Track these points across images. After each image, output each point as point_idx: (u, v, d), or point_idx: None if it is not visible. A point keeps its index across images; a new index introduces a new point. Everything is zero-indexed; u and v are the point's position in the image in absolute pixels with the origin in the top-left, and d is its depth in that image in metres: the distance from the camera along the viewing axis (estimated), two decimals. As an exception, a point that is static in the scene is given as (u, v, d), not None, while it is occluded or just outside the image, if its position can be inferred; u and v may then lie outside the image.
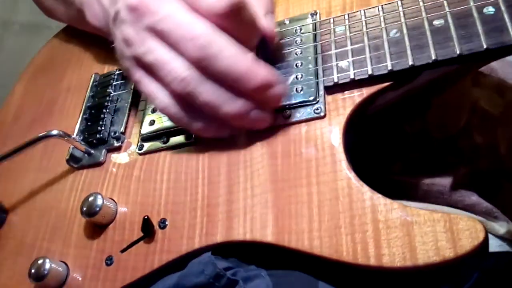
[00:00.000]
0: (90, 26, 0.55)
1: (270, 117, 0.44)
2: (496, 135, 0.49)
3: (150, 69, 0.43)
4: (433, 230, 0.36)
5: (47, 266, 0.46)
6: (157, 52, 0.42)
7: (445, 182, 0.48)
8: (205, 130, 0.45)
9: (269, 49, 0.46)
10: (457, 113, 0.49)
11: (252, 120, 0.43)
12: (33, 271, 0.46)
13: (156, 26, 0.41)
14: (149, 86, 0.44)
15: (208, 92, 0.41)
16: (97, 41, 0.60)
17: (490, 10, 0.41)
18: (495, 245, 0.47)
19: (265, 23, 0.44)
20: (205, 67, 0.40)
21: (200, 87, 0.41)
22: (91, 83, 0.60)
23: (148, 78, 0.43)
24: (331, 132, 0.43)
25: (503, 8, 0.40)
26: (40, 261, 0.47)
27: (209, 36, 0.40)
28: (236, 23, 0.41)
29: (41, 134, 0.51)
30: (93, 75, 0.61)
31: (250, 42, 0.43)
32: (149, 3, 0.41)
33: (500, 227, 0.47)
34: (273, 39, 0.46)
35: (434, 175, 0.49)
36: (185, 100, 0.42)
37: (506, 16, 0.40)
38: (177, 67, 0.41)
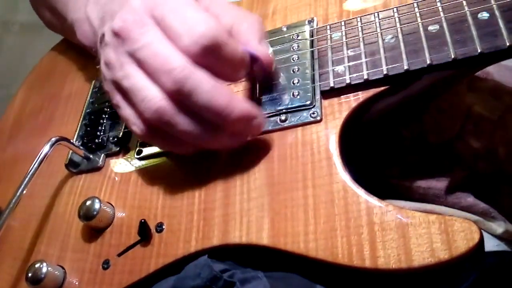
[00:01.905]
0: (80, 43, 0.56)
1: (243, 142, 0.45)
2: (494, 139, 0.49)
3: (127, 95, 0.43)
4: (428, 232, 0.36)
5: (44, 270, 0.46)
6: (134, 78, 0.42)
7: (441, 185, 0.48)
8: (182, 152, 0.45)
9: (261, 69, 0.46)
10: (451, 119, 0.49)
11: (231, 146, 0.44)
12: (30, 274, 0.46)
13: (135, 53, 0.41)
14: (126, 110, 0.44)
15: (184, 124, 0.41)
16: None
17: (484, 15, 0.41)
18: (492, 245, 0.47)
19: (261, 51, 0.44)
20: (182, 100, 0.40)
21: (175, 118, 0.41)
22: (91, 90, 0.61)
23: (124, 103, 0.44)
24: (327, 136, 0.43)
25: (497, 13, 0.41)
26: (37, 265, 0.47)
27: (186, 70, 0.39)
28: (214, 61, 0.40)
29: (42, 152, 0.50)
30: (94, 82, 0.62)
31: (234, 76, 0.43)
32: (131, 30, 0.41)
33: (498, 227, 0.47)
34: (270, 66, 0.45)
35: (430, 179, 0.49)
36: (159, 128, 0.42)
37: (500, 21, 0.40)
38: (151, 96, 0.41)
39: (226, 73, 0.42)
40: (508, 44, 0.39)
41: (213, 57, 0.40)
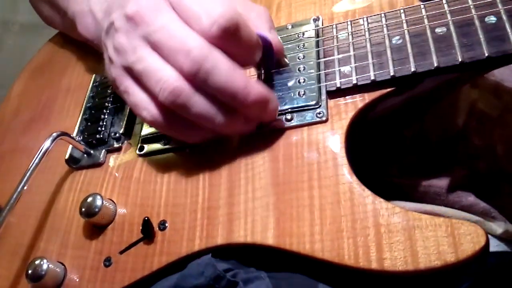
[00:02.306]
0: (81, 37, 0.56)
1: (256, 126, 0.45)
2: (493, 137, 0.49)
3: (139, 78, 0.42)
4: (434, 235, 0.36)
5: (45, 266, 0.46)
6: (147, 60, 0.41)
7: (442, 183, 0.48)
8: (192, 139, 0.45)
9: (271, 56, 0.46)
10: (454, 115, 0.50)
11: (240, 130, 0.44)
12: (30, 271, 0.46)
13: (150, 36, 0.41)
14: (137, 96, 0.43)
15: (199, 105, 0.41)
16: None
17: (491, 19, 0.41)
18: (492, 245, 0.48)
19: (272, 37, 0.44)
20: (199, 81, 0.40)
21: (191, 99, 0.41)
22: (91, 84, 0.60)
23: (136, 87, 0.43)
24: (333, 137, 0.43)
25: (504, 17, 0.41)
26: (37, 262, 0.46)
27: (204, 50, 0.39)
28: (232, 43, 0.40)
29: (43, 147, 0.49)
30: (94, 76, 0.61)
31: (250, 60, 0.43)
32: (145, 13, 0.41)
33: (498, 227, 0.48)
34: (281, 52, 0.46)
35: (431, 177, 0.49)
36: (173, 111, 0.42)
37: (507, 25, 0.40)
38: (167, 77, 0.40)
39: (242, 56, 0.41)
40: (515, 48, 0.39)
41: (231, 39, 0.40)
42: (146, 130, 0.51)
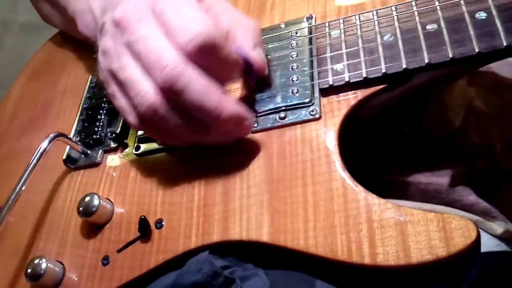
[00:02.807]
0: (81, 35, 0.56)
1: (234, 140, 0.45)
2: (492, 135, 0.50)
3: (122, 86, 0.43)
4: (426, 230, 0.36)
5: (44, 265, 0.46)
6: (129, 70, 0.42)
7: (442, 181, 0.49)
8: (175, 144, 0.47)
9: (252, 73, 0.46)
10: (453, 113, 0.50)
11: (219, 143, 0.45)
12: (29, 270, 0.47)
13: (132, 45, 0.42)
14: (121, 101, 0.44)
15: (176, 121, 0.42)
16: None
17: (482, 15, 0.42)
18: (492, 245, 0.48)
19: (254, 55, 0.44)
20: (173, 97, 0.40)
21: (169, 114, 0.41)
22: (88, 85, 0.61)
23: (120, 93, 0.44)
24: (326, 134, 0.43)
25: (494, 13, 0.41)
26: (36, 261, 0.47)
27: (178, 67, 0.39)
28: (208, 60, 0.41)
29: (41, 148, 0.50)
30: (90, 77, 0.61)
31: (228, 77, 0.43)
32: (130, 21, 0.42)
33: (498, 227, 0.48)
34: (263, 72, 0.46)
35: (431, 174, 0.49)
36: (152, 122, 0.43)
37: (497, 21, 0.41)
38: (145, 91, 0.41)
39: (218, 74, 0.42)
40: (505, 44, 0.40)
41: (206, 57, 0.40)
42: (142, 129, 0.51)
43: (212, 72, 0.41)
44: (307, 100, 0.45)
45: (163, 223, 0.46)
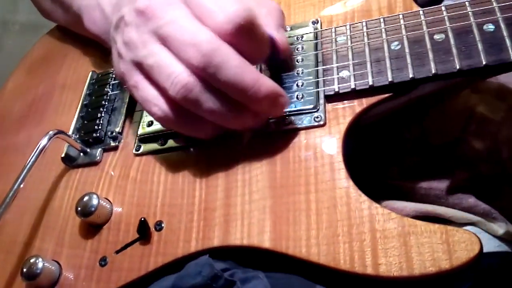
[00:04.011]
0: (87, 31, 0.55)
1: (265, 121, 0.45)
2: (497, 140, 0.50)
3: (150, 73, 0.42)
4: (429, 241, 0.36)
5: (40, 265, 0.46)
6: (158, 55, 0.41)
7: (442, 186, 0.49)
8: (201, 134, 0.45)
9: (275, 55, 0.46)
10: (454, 120, 0.50)
11: (249, 125, 0.44)
12: (25, 270, 0.46)
13: (160, 30, 0.41)
14: (147, 91, 0.43)
15: (211, 101, 0.41)
16: (95, 39, 0.59)
17: (490, 27, 0.42)
18: (493, 245, 0.48)
19: (279, 37, 0.44)
20: (208, 76, 0.40)
21: (202, 95, 0.41)
22: (88, 81, 0.60)
23: (146, 82, 0.43)
24: (331, 141, 0.43)
25: (502, 26, 0.41)
26: (32, 260, 0.46)
27: (214, 44, 0.39)
28: (244, 40, 0.40)
29: (40, 145, 0.49)
30: (90, 73, 0.61)
31: (259, 58, 0.43)
32: (155, 8, 0.41)
33: (499, 228, 0.48)
34: (286, 53, 0.46)
35: (432, 180, 0.49)
36: (183, 107, 0.42)
37: (505, 34, 0.41)
38: (178, 72, 0.40)
39: (251, 53, 0.41)
40: (513, 57, 0.40)
41: (243, 37, 0.40)
42: (143, 130, 0.51)
43: (244, 52, 0.40)
44: (311, 106, 0.45)
45: (162, 225, 0.45)
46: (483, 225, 0.48)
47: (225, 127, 0.44)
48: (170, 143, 0.50)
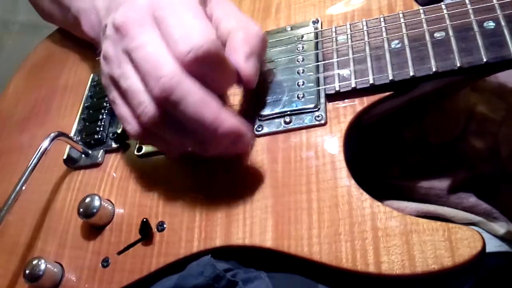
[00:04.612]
0: (85, 35, 0.55)
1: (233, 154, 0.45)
2: (497, 139, 0.50)
3: (124, 95, 0.42)
4: (432, 239, 0.36)
5: (42, 266, 0.46)
6: (130, 80, 0.41)
7: (443, 185, 0.49)
8: (175, 155, 0.47)
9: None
10: (454, 119, 0.50)
11: (218, 156, 0.43)
12: (28, 271, 0.46)
13: (131, 53, 0.41)
14: (122, 109, 0.43)
15: (176, 133, 0.41)
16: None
17: (490, 24, 0.42)
18: (494, 245, 0.48)
19: (244, 67, 0.42)
20: (168, 109, 0.39)
21: (167, 127, 0.41)
22: (89, 83, 0.60)
23: (121, 101, 0.43)
24: (332, 140, 0.43)
25: (503, 23, 0.41)
26: (35, 262, 0.46)
27: (175, 78, 0.38)
28: (207, 71, 0.40)
29: (42, 147, 0.49)
30: (92, 75, 0.61)
31: (225, 87, 0.43)
32: (129, 27, 0.41)
33: (500, 228, 0.48)
34: (249, 86, 0.43)
35: (432, 179, 0.49)
36: (152, 133, 0.42)
37: (506, 31, 0.41)
38: (146, 102, 0.40)
39: (215, 83, 0.40)
40: (514, 54, 0.40)
41: (204, 68, 0.39)
42: (145, 130, 0.51)
43: (210, 82, 0.40)
44: (312, 105, 0.45)
45: (164, 225, 0.45)
46: (484, 225, 0.48)
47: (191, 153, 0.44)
48: (172, 143, 0.50)
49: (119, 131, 0.53)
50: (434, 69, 0.42)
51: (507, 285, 0.48)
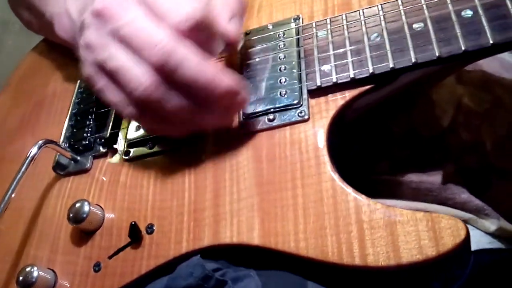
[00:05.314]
0: (58, 38, 0.56)
1: (232, 118, 0.46)
2: (481, 132, 0.50)
3: (113, 76, 0.42)
4: (415, 230, 0.36)
5: (35, 273, 0.46)
6: (119, 58, 0.41)
7: (433, 179, 0.49)
8: (174, 133, 0.46)
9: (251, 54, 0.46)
10: (442, 111, 0.50)
11: (217, 122, 0.44)
12: (21, 278, 0.46)
13: (119, 31, 0.41)
14: (113, 94, 0.43)
15: (173, 100, 0.41)
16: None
17: (468, 13, 0.42)
18: (486, 242, 0.48)
19: (228, 28, 0.44)
20: (168, 75, 0.40)
21: (165, 95, 0.41)
22: (76, 90, 0.60)
23: (111, 86, 0.43)
24: (315, 135, 0.43)
25: (480, 11, 0.41)
26: (28, 269, 0.47)
27: (171, 43, 0.39)
28: (201, 37, 0.41)
29: (30, 154, 0.50)
30: (78, 82, 0.61)
31: (216, 50, 0.44)
32: (112, 8, 0.41)
33: (491, 225, 0.48)
34: (234, 45, 0.46)
35: (422, 173, 0.49)
36: (150, 108, 0.42)
37: (483, 19, 0.41)
38: (139, 75, 0.40)
39: (208, 48, 0.42)
40: (491, 42, 0.40)
41: (199, 34, 0.40)
42: (132, 134, 0.51)
43: (202, 47, 0.41)
44: (295, 101, 0.45)
45: (154, 228, 0.46)
46: (475, 223, 0.48)
47: (194, 126, 0.44)
48: (159, 146, 0.50)
49: (107, 136, 0.53)
50: (413, 60, 0.42)
51: (499, 282, 0.48)
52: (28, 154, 0.50)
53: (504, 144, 0.51)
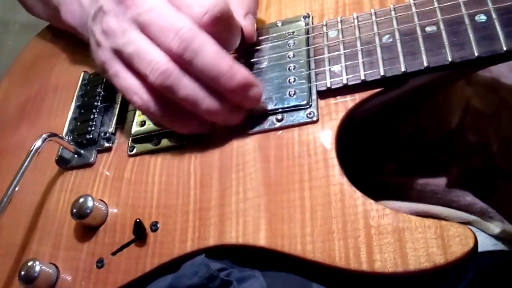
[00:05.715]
0: (64, 24, 0.55)
1: (243, 116, 0.45)
2: (488, 134, 0.49)
3: (130, 61, 0.43)
4: (424, 237, 0.36)
5: (37, 268, 0.46)
6: (138, 43, 0.42)
7: (438, 182, 0.49)
8: (182, 128, 0.46)
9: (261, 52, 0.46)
10: (449, 112, 0.50)
11: (228, 118, 0.44)
12: (23, 273, 0.46)
13: (140, 17, 0.42)
14: (127, 80, 0.44)
15: (188, 87, 0.42)
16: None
17: (481, 18, 0.41)
18: (489, 244, 0.48)
19: (244, 24, 0.46)
20: (186, 61, 0.41)
21: (181, 81, 0.42)
22: (80, 82, 0.60)
23: (126, 71, 0.44)
24: (324, 137, 0.43)
25: (494, 16, 0.41)
26: (30, 263, 0.46)
27: (192, 30, 0.40)
28: (220, 30, 0.42)
29: (34, 147, 0.49)
30: (82, 74, 0.60)
31: (233, 45, 0.45)
32: None
33: (495, 227, 0.48)
34: (251, 39, 0.48)
35: (428, 175, 0.49)
36: (163, 95, 0.43)
37: (497, 25, 0.40)
38: (157, 58, 0.41)
39: (225, 42, 0.43)
40: (505, 49, 0.39)
41: (219, 27, 0.41)
42: (137, 130, 0.51)
43: (219, 41, 0.42)
44: (304, 102, 0.45)
45: (158, 226, 0.45)
46: (479, 225, 0.48)
47: (204, 119, 0.44)
48: (164, 142, 0.49)
49: (111, 130, 0.53)
50: (425, 64, 0.41)
51: (503, 284, 0.48)
52: (32, 147, 0.49)
53: (510, 146, 0.51)
